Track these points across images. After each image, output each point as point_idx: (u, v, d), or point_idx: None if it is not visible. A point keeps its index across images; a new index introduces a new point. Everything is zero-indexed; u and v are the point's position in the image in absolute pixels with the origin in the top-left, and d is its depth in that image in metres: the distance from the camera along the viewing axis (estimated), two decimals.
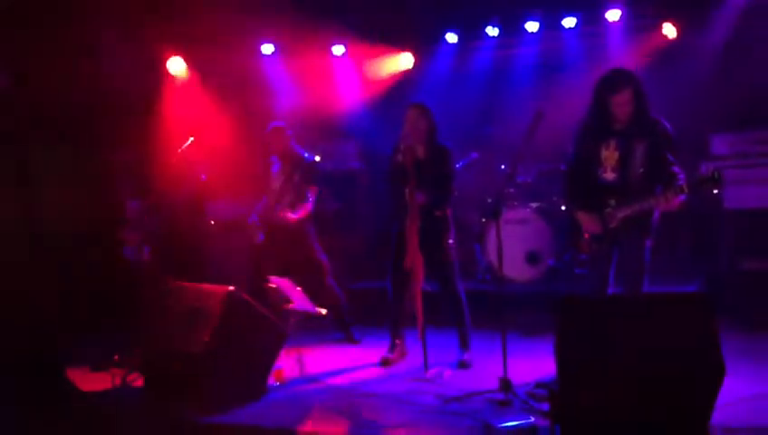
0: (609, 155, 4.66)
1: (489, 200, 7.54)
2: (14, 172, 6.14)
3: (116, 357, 5.63)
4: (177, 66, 8.37)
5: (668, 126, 4.59)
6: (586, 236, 4.76)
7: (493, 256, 7.06)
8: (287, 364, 5.30)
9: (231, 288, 4.76)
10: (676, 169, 4.50)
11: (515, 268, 6.93)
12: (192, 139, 6.08)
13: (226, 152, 7.93)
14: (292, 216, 6.08)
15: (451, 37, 8.16)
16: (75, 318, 6.12)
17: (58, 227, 6.16)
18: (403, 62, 8.48)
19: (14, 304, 5.43)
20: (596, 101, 4.66)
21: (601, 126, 4.68)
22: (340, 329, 6.40)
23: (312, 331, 6.28)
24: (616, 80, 4.59)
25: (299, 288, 5.40)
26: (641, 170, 4.56)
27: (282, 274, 5.57)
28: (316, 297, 5.63)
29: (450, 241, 5.49)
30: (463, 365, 5.36)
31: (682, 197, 4.37)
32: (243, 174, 7.60)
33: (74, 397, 4.64)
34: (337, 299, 6.24)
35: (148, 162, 7.54)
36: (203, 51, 8.29)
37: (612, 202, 4.61)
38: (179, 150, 6.00)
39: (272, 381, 5.08)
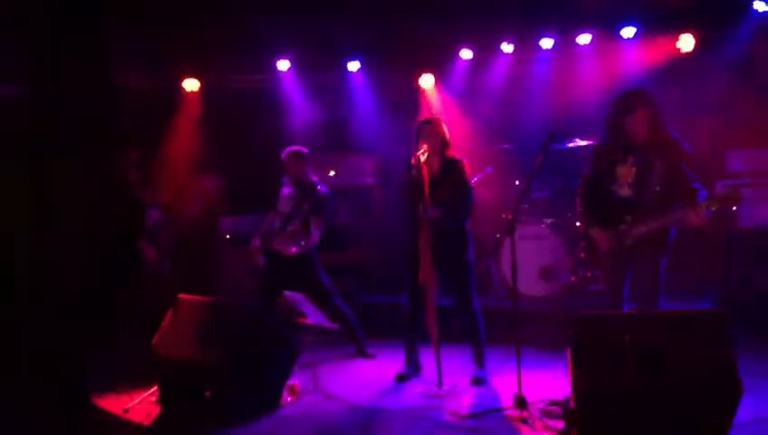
0: (626, 171, 4.67)
1: (503, 216, 7.54)
2: (29, 183, 6.18)
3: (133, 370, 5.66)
4: (192, 84, 8.44)
5: (686, 144, 4.60)
6: (601, 252, 4.75)
7: (507, 272, 7.05)
8: (301, 379, 5.31)
9: (246, 303, 4.79)
10: (696, 184, 4.50)
11: (530, 284, 6.92)
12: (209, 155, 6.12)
13: (242, 168, 7.99)
14: (292, 250, 6.04)
15: (466, 53, 8.20)
16: (92, 330, 6.14)
17: (75, 238, 6.18)
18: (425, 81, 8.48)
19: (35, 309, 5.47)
20: (611, 122, 4.70)
21: (618, 144, 4.70)
22: (354, 345, 6.39)
23: (326, 346, 6.29)
24: (629, 102, 4.63)
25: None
26: (658, 188, 4.56)
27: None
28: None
29: (469, 256, 5.48)
30: (477, 382, 5.35)
31: (709, 211, 4.36)
32: (256, 189, 7.65)
33: (91, 411, 4.67)
34: (346, 319, 6.22)
35: (164, 175, 7.60)
36: (218, 66, 8.38)
37: (628, 218, 4.62)
38: (195, 166, 6.05)
39: (285, 396, 5.09)
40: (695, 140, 4.71)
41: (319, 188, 6.22)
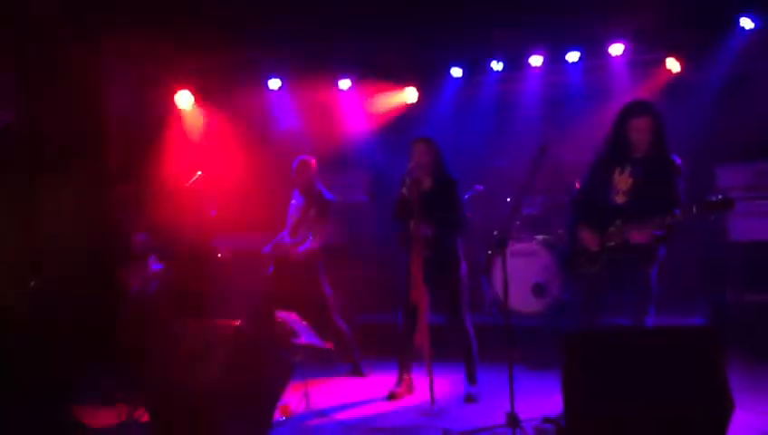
0: (623, 180, 4.72)
1: (495, 233, 7.55)
2: (17, 204, 6.17)
3: (121, 393, 5.62)
4: (184, 100, 8.44)
5: (679, 160, 4.65)
6: (591, 250, 4.77)
7: (499, 289, 7.05)
8: (293, 399, 5.28)
9: (238, 323, 4.76)
10: (676, 209, 4.51)
11: (522, 301, 6.91)
12: (200, 173, 6.10)
13: (235, 185, 7.98)
14: (299, 250, 6.17)
15: (456, 71, 8.25)
16: (80, 353, 6.12)
17: (61, 259, 6.15)
18: (408, 96, 8.58)
19: (21, 337, 5.42)
20: (616, 127, 4.74)
21: (619, 153, 4.74)
22: (348, 362, 6.38)
23: (319, 364, 6.26)
24: (637, 107, 4.71)
25: (305, 322, 5.41)
26: (650, 201, 4.58)
27: (288, 307, 5.58)
28: (322, 332, 5.63)
29: (461, 274, 5.48)
30: (470, 399, 5.34)
31: (659, 232, 4.46)
32: (251, 206, 7.64)
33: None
34: (342, 334, 6.23)
35: (153, 195, 7.58)
36: (211, 85, 8.40)
37: (618, 223, 4.66)
38: (186, 184, 6.03)
39: (278, 415, 5.06)
40: (684, 155, 4.73)
41: (324, 193, 6.34)
